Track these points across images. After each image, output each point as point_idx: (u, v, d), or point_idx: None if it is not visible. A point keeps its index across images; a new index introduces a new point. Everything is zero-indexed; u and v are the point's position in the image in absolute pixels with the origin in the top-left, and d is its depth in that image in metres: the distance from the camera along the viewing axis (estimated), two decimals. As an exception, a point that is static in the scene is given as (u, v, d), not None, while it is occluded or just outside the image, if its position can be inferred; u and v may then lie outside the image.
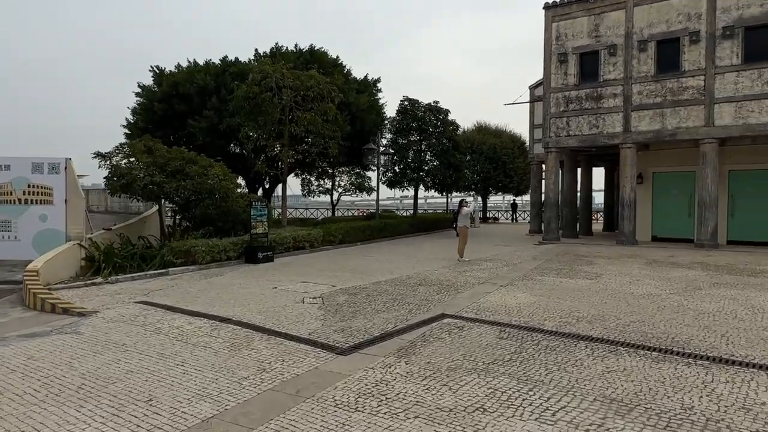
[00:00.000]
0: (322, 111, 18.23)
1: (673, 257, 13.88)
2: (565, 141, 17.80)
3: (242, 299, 8.50)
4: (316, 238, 16.35)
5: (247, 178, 24.36)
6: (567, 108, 17.75)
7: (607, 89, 17.02)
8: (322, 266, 12.60)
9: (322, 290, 9.29)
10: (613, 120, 16.94)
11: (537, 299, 8.35)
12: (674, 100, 15.95)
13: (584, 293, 8.85)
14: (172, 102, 20.33)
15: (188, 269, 11.88)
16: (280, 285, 9.87)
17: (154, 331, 6.51)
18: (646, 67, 16.37)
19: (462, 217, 14.14)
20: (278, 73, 17.76)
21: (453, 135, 24.25)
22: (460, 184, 26.06)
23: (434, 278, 10.63)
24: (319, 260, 13.88)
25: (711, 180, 15.56)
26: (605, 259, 13.66)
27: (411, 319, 7.09)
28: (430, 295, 8.75)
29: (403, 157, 23.62)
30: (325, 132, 18.34)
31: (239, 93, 17.68)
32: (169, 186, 12.79)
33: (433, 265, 12.82)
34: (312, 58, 21.27)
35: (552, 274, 11.05)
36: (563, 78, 17.80)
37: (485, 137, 36.45)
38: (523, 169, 37.01)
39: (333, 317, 7.22)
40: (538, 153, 23.18)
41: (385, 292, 9.10)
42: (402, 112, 24.36)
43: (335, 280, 10.47)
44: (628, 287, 9.43)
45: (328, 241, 17.16)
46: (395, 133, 24.27)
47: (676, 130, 15.95)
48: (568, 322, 6.85)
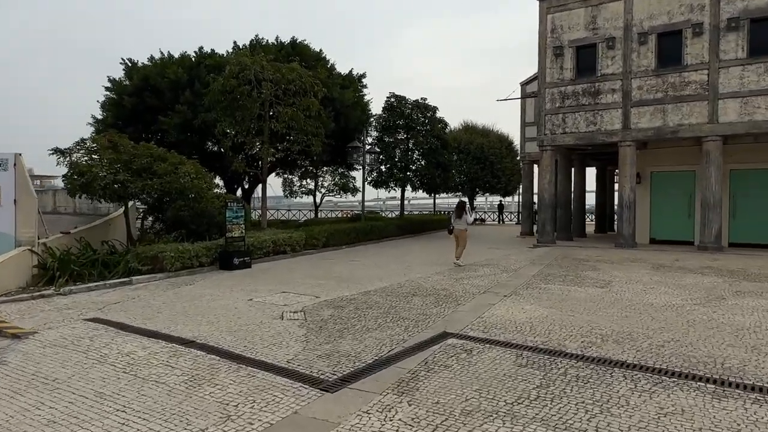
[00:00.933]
0: (304, 106, 17.12)
1: (678, 261, 13.06)
2: (561, 139, 16.94)
3: (211, 314, 7.36)
4: (297, 241, 15.22)
5: (225, 178, 23.10)
6: (563, 104, 16.90)
7: (606, 84, 16.20)
8: (305, 273, 11.48)
9: (304, 302, 8.19)
10: (612, 117, 16.12)
11: (548, 312, 7.36)
12: (676, 96, 15.18)
13: (598, 304, 7.90)
14: (143, 96, 19.02)
15: (155, 277, 10.67)
16: (256, 296, 8.74)
17: (98, 359, 5.35)
18: (647, 61, 15.58)
19: (461, 220, 13.33)
20: (257, 65, 16.61)
21: (441, 133, 23.29)
22: (448, 184, 25.11)
23: (429, 287, 9.60)
24: (302, 266, 12.76)
25: (715, 180, 14.81)
26: (608, 263, 12.78)
27: (408, 339, 6.04)
28: (428, 308, 7.71)
29: (390, 156, 22.59)
30: (307, 128, 17.23)
31: (215, 86, 16.48)
32: (135, 185, 11.56)
33: (425, 270, 11.80)
34: (294, 52, 20.15)
35: (557, 281, 10.10)
36: (559, 72, 16.94)
37: (472, 137, 35.64)
38: (510, 169, 36.30)
39: (317, 337, 6.13)
40: (530, 152, 22.34)
41: (375, 304, 8.04)
42: (388, 109, 23.33)
43: (319, 289, 9.38)
44: (644, 297, 8.50)
45: (311, 245, 16.04)
46: (381, 131, 23.23)
47: (678, 128, 15.18)
48: (592, 342, 5.87)
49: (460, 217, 13.31)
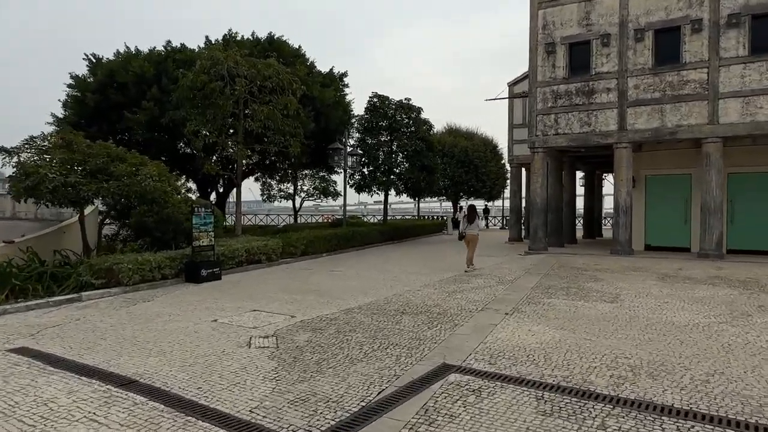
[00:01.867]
0: (281, 105, 16.01)
1: (682, 270, 12.25)
2: (554, 140, 16.09)
3: (166, 341, 6.20)
4: (273, 249, 14.06)
5: (197, 182, 21.79)
6: (555, 104, 16.06)
7: (600, 83, 15.41)
8: (280, 286, 10.34)
9: (277, 324, 7.07)
10: (607, 117, 15.32)
11: (560, 335, 6.37)
12: (674, 95, 14.44)
13: (614, 324, 6.94)
14: (107, 93, 17.67)
15: (109, 293, 9.44)
16: (222, 316, 7.59)
17: (5, 410, 4.17)
18: (643, 58, 14.83)
19: (473, 225, 13.02)
20: (231, 60, 15.45)
21: (426, 135, 22.33)
22: (433, 187, 24.14)
23: (419, 302, 8.55)
24: (277, 277, 11.61)
25: (715, 183, 14.09)
26: (609, 273, 11.90)
27: (402, 374, 4.98)
28: (420, 330, 6.66)
29: (373, 158, 21.54)
30: (285, 128, 16.11)
31: (184, 82, 15.28)
32: (88, 188, 10.32)
33: (413, 282, 10.75)
34: (271, 48, 18.99)
35: (560, 295, 9.14)
36: (551, 71, 16.11)
37: (456, 140, 34.78)
38: (495, 173, 35.55)
39: (290, 373, 5.03)
40: (518, 155, 21.51)
41: (360, 325, 6.96)
42: (371, 109, 22.30)
43: (295, 306, 8.26)
44: (661, 314, 7.58)
45: (289, 253, 14.88)
46: (364, 133, 22.17)
47: (676, 128, 14.44)
48: (622, 376, 4.88)
49: (472, 221, 13.15)
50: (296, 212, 30.52)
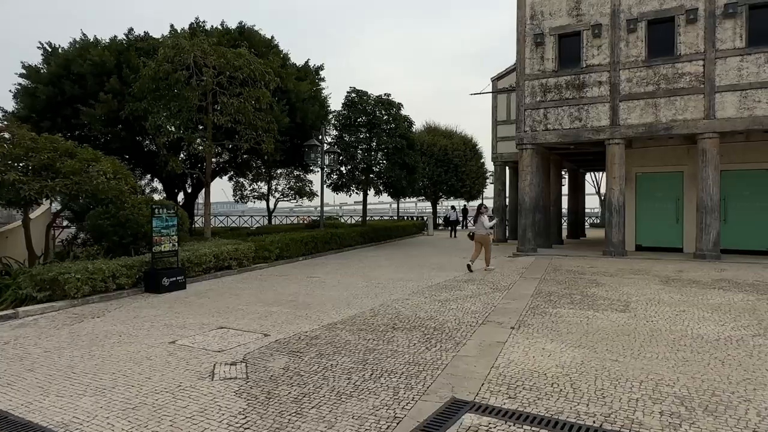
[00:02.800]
0: (253, 97, 14.86)
1: (683, 272, 11.56)
2: (543, 136, 15.31)
3: (109, 372, 5.06)
4: (245, 254, 12.89)
5: (163, 181, 20.39)
6: (544, 98, 15.28)
7: (591, 76, 14.68)
8: (253, 296, 9.22)
9: (247, 345, 5.98)
10: (599, 112, 14.61)
11: (581, 355, 5.46)
12: (669, 89, 13.81)
13: (636, 339, 6.07)
14: (62, 85, 16.18)
15: (53, 307, 8.19)
16: (183, 335, 6.46)
17: None
18: (636, 50, 14.16)
19: (478, 224, 12.85)
20: (197, 49, 14.22)
21: (407, 132, 21.37)
22: (415, 187, 23.21)
23: (410, 314, 7.56)
24: (249, 286, 10.47)
25: (713, 181, 13.49)
26: (608, 276, 11.12)
27: (403, 415, 3.98)
28: (417, 351, 5.66)
29: (351, 156, 20.49)
30: (257, 123, 14.96)
31: (146, 72, 13.98)
32: (30, 187, 9.01)
33: (400, 289, 9.76)
34: (241, 38, 17.75)
35: (565, 303, 8.26)
36: (540, 63, 15.33)
37: (435, 138, 33.99)
38: (475, 172, 34.89)
39: (263, 418, 3.97)
40: (502, 152, 20.75)
41: (345, 346, 5.92)
42: (349, 105, 21.24)
43: (269, 321, 7.18)
44: (683, 325, 6.75)
45: (262, 258, 13.73)
46: (341, 129, 21.10)
47: (671, 124, 13.80)
48: (675, 412, 3.96)
49: (476, 221, 13.03)
50: (270, 213, 29.27)
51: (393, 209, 75.51)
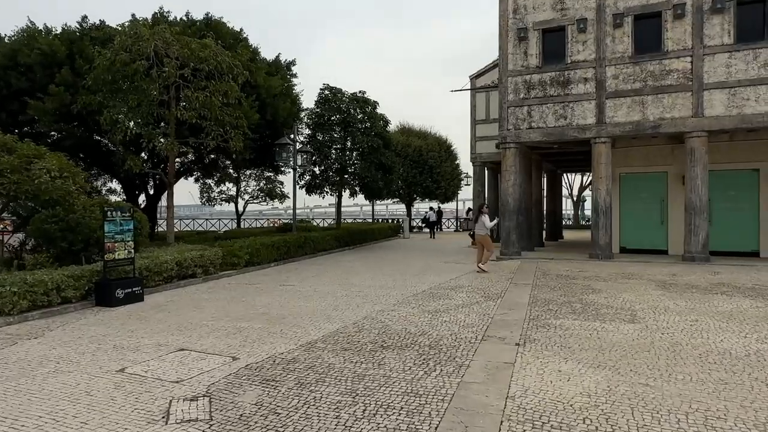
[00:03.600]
0: (221, 91, 13.80)
1: (677, 276, 11.05)
2: (527, 134, 14.70)
3: (34, 415, 4.05)
4: (212, 260, 11.83)
5: (123, 182, 19.02)
6: (528, 95, 14.69)
7: (576, 73, 14.16)
8: (219, 309, 8.22)
9: (212, 373, 5.03)
10: (584, 109, 14.09)
11: (606, 378, 4.71)
12: (656, 86, 13.37)
13: (659, 356, 5.38)
14: (8, 77, 14.78)
15: (-18, 326, 7.02)
16: (135, 360, 5.45)
17: None
18: (622, 46, 13.70)
19: (479, 224, 12.77)
20: (158, 38, 13.10)
21: (383, 131, 20.56)
22: (391, 188, 22.39)
23: (400, 329, 6.72)
24: (216, 297, 9.45)
25: (701, 181, 13.09)
26: (602, 281, 10.51)
27: (412, 473, 3.11)
28: (415, 377, 4.82)
29: (325, 156, 19.55)
30: (225, 119, 13.92)
31: (101, 61, 12.76)
32: (-44, 187, 7.81)
33: (384, 299, 8.90)
34: (208, 29, 16.62)
35: (566, 313, 7.55)
36: (523, 59, 14.73)
37: (409, 139, 33.30)
38: (450, 173, 34.35)
39: (229, 480, 3.05)
40: (481, 152, 20.15)
41: (329, 371, 5.03)
42: (322, 102, 20.32)
43: (239, 340, 6.22)
44: (703, 338, 6.10)
45: (231, 264, 12.68)
46: (314, 128, 20.15)
47: (659, 122, 13.36)
48: (744, 459, 3.23)
49: (477, 221, 12.93)
50: (239, 216, 28.02)
51: (365, 212, 74.58)
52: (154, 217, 20.58)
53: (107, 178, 20.12)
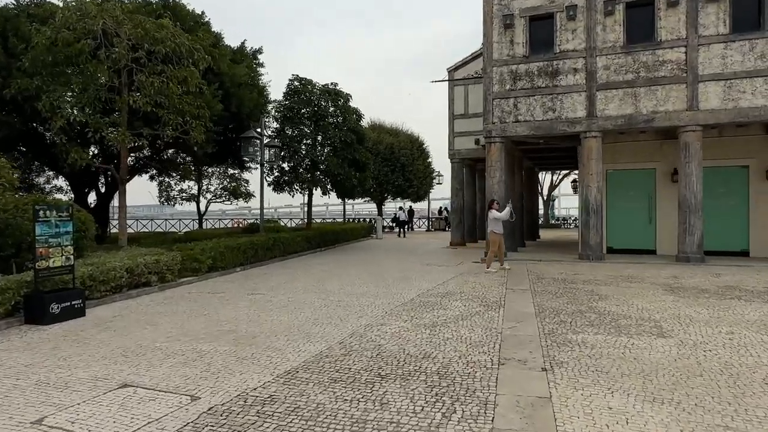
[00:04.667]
0: (179, 77, 12.41)
1: (679, 279, 10.33)
2: (513, 128, 13.82)
3: None
4: (169, 266, 10.45)
5: (70, 179, 17.26)
6: (514, 86, 13.81)
7: (566, 63, 13.36)
8: (176, 325, 6.92)
9: (163, 424, 3.79)
10: (574, 102, 13.30)
11: (672, 418, 3.72)
12: (649, 78, 12.69)
13: (718, 384, 4.44)
14: (-70, 59, 12.93)
15: None
16: (59, 406, 4.16)
17: None
18: (614, 35, 12.97)
19: (493, 222, 11.91)
20: (108, 15, 11.62)
21: (357, 126, 19.40)
22: (365, 186, 21.23)
23: (395, 349, 5.61)
24: (173, 309, 8.12)
25: (696, 177, 12.48)
26: (604, 285, 9.66)
27: None
28: (432, 421, 3.72)
29: (294, 151, 18.24)
30: (184, 108, 12.53)
31: (40, 40, 11.18)
32: None
33: (369, 309, 7.78)
34: (165, 10, 15.10)
35: (583, 326, 6.59)
36: (509, 48, 13.84)
37: (381, 136, 32.16)
38: (422, 172, 33.43)
39: None
40: (460, 149, 19.24)
41: (319, 415, 3.88)
42: (291, 94, 19.00)
43: (199, 369, 4.99)
44: (753, 357, 5.23)
45: (191, 270, 11.31)
46: (283, 121, 18.81)
47: (652, 115, 12.69)
48: None
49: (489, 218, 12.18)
50: (201, 216, 26.35)
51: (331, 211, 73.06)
52: (106, 218, 18.84)
53: (53, 175, 18.29)
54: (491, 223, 11.96)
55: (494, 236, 11.86)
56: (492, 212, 11.97)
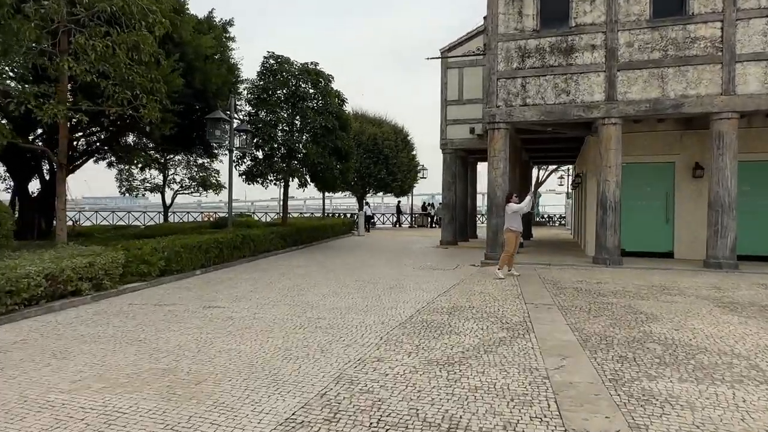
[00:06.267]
0: (129, 43, 10.34)
1: (723, 291, 8.72)
2: (521, 113, 12.07)
3: None
4: (108, 269, 8.44)
5: (7, 162, 14.96)
6: (522, 65, 12.06)
7: (582, 38, 11.66)
8: (93, 360, 4.97)
9: None
10: (591, 83, 11.62)
11: None
12: (679, 57, 11.07)
13: None
14: None
15: None
16: None
17: None
18: (639, 7, 11.31)
19: (510, 217, 10.29)
20: (38, -38, 9.49)
21: (340, 111, 17.46)
22: (348, 178, 19.28)
23: (404, 410, 3.78)
24: (99, 331, 6.14)
25: (731, 172, 10.92)
26: (640, 299, 7.98)
27: None
28: None
29: (269, 137, 16.22)
30: (135, 80, 10.49)
31: (-52, -13, 8.97)
32: None
33: (358, 333, 5.93)
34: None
35: (652, 363, 4.86)
36: (517, 20, 12.07)
37: (363, 126, 30.25)
38: (407, 165, 31.64)
39: None
40: (453, 138, 17.48)
41: None
42: (266, 74, 16.97)
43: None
44: None
45: (139, 274, 9.30)
46: (257, 105, 16.77)
47: (681, 100, 11.07)
48: None
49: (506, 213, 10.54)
50: (166, 209, 24.06)
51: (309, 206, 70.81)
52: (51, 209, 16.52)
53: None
54: (508, 219, 10.31)
55: (510, 234, 10.21)
56: (510, 205, 10.30)
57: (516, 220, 10.32)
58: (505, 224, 10.47)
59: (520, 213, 10.46)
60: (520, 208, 10.39)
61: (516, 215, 10.32)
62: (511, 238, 10.25)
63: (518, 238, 10.47)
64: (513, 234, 10.26)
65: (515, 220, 10.31)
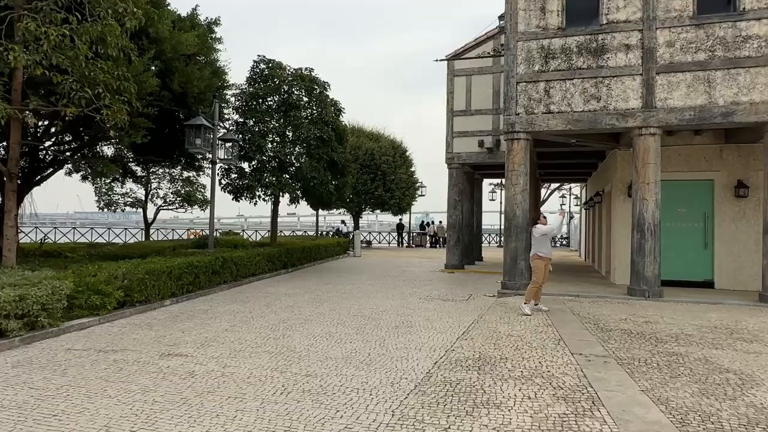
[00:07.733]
0: (92, 34, 8.86)
1: (802, 334, 7.15)
2: (543, 121, 10.56)
3: None
4: (47, 303, 6.73)
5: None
6: (546, 67, 10.60)
7: (615, 37, 10.23)
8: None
9: None
10: (626, 88, 10.15)
11: None
12: (728, 58, 9.65)
13: None
14: None
15: None
16: None
17: None
18: (680, 2, 9.92)
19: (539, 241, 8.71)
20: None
21: (336, 121, 15.93)
22: (344, 194, 17.68)
23: None
24: (9, 397, 4.44)
25: (790, 191, 9.43)
26: (713, 348, 6.37)
27: None
28: None
29: (258, 148, 14.64)
30: (98, 77, 8.97)
31: None
32: None
33: (360, 405, 4.28)
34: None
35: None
36: (539, 17, 10.65)
37: (360, 140, 28.80)
38: (405, 182, 30.12)
39: None
40: (459, 152, 15.99)
41: None
42: (255, 79, 15.48)
43: None
44: None
45: (90, 307, 7.60)
46: (245, 113, 15.24)
47: (732, 107, 9.61)
48: None
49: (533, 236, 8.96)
50: (148, 226, 22.32)
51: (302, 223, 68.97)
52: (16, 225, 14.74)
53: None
54: (536, 243, 8.75)
55: (539, 261, 8.66)
56: (538, 227, 8.75)
57: (545, 245, 8.77)
58: (532, 249, 8.90)
59: (549, 236, 8.93)
60: (550, 230, 8.87)
61: (545, 238, 8.78)
62: (540, 266, 8.68)
63: (548, 266, 8.89)
64: (542, 261, 8.69)
65: (544, 244, 8.76)
